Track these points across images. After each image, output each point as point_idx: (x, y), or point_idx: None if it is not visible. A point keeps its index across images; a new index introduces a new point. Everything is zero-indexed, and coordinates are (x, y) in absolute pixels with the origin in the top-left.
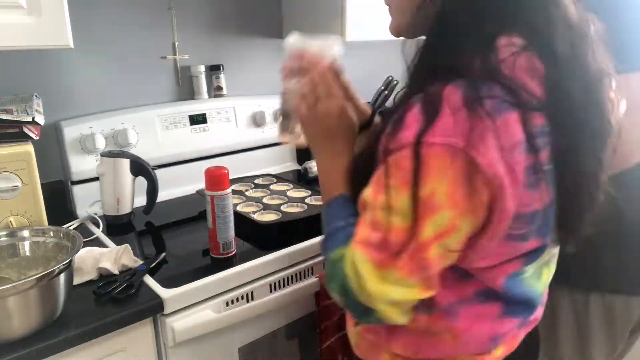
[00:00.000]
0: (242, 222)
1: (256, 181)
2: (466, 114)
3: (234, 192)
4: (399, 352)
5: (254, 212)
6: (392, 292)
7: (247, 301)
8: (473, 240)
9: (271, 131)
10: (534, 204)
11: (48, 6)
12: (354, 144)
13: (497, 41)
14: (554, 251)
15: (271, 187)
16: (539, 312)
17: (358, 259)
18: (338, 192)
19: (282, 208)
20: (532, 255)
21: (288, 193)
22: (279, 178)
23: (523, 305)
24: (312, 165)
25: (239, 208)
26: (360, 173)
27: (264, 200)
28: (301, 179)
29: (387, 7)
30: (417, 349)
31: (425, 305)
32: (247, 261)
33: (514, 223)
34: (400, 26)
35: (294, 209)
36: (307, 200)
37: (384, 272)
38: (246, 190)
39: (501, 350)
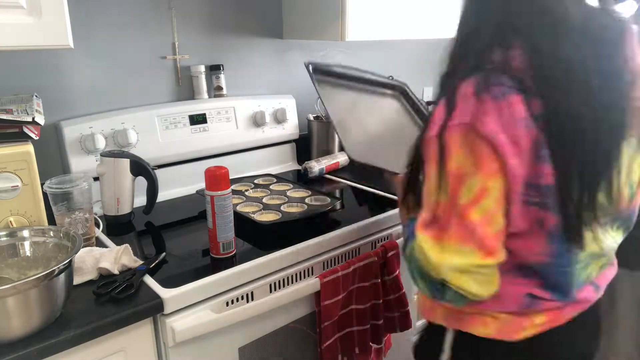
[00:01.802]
0: (242, 222)
1: (256, 181)
2: (474, 99)
3: (234, 192)
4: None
5: (254, 212)
6: (452, 259)
7: (247, 301)
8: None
9: (271, 131)
10: (545, 177)
11: (48, 6)
12: None
13: (513, 42)
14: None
15: (271, 187)
16: (589, 295)
17: (420, 240)
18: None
19: (282, 208)
20: (555, 235)
21: (288, 193)
22: (279, 178)
23: (556, 288)
24: (312, 165)
25: (239, 208)
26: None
27: (264, 200)
28: (301, 179)
29: None
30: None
31: None
32: (247, 261)
33: (528, 190)
34: None
35: (294, 209)
36: (307, 200)
37: (441, 244)
38: (246, 190)
39: (541, 319)
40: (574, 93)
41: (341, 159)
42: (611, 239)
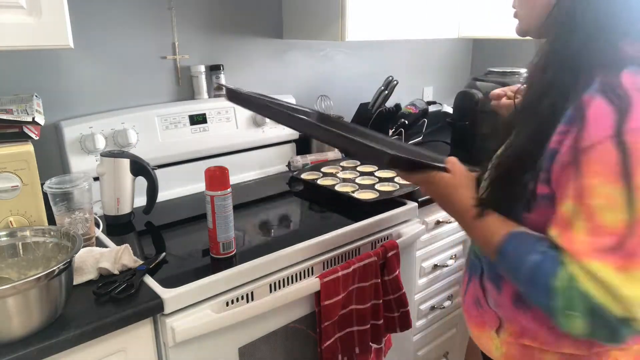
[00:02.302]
0: (343, 200)
1: (342, 164)
2: None
3: (326, 174)
4: (570, 350)
5: (352, 192)
6: None
7: (247, 301)
8: None
9: (271, 131)
10: None
11: (48, 6)
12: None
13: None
14: None
15: (358, 169)
16: None
17: (597, 269)
18: (501, 237)
19: (376, 187)
20: None
21: (376, 174)
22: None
23: None
24: (296, 160)
25: (337, 188)
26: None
27: (357, 180)
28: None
29: (514, 10)
30: (591, 343)
31: None
32: (247, 261)
33: None
34: (529, 28)
35: (389, 188)
36: (396, 180)
37: (631, 274)
38: (337, 173)
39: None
40: None
41: (330, 154)
42: None
